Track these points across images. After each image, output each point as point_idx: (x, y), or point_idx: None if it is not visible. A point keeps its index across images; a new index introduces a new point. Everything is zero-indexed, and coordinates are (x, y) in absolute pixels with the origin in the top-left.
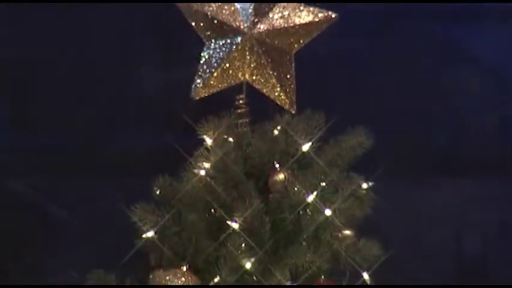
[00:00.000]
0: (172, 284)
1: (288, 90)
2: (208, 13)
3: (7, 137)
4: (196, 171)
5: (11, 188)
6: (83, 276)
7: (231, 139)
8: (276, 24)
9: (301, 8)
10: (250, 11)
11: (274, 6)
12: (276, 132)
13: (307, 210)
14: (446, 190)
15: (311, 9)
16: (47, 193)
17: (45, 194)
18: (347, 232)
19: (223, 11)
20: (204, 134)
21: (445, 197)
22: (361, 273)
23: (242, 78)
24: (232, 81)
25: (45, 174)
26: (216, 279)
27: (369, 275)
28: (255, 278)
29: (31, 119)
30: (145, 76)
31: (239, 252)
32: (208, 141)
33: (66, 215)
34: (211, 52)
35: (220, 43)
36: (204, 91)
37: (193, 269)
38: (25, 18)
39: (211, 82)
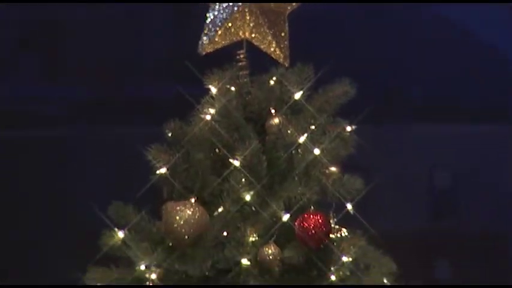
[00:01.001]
0: (182, 213)
1: (282, 46)
2: None
3: (36, 89)
4: (202, 116)
5: (39, 133)
6: (105, 208)
7: (233, 88)
8: None
9: None
10: None
11: None
12: (271, 82)
13: (299, 150)
14: (421, 133)
15: None
16: (72, 138)
17: (70, 139)
18: (333, 169)
19: None
20: (209, 84)
21: (419, 139)
22: (345, 204)
23: (242, 36)
24: (234, 39)
25: (70, 121)
26: (220, 209)
27: (352, 206)
28: (253, 208)
29: (57, 73)
30: (159, 35)
31: (240, 186)
32: (213, 90)
33: (89, 158)
34: (215, 13)
35: (224, 5)
36: (209, 47)
37: (200, 201)
38: None
39: (216, 39)
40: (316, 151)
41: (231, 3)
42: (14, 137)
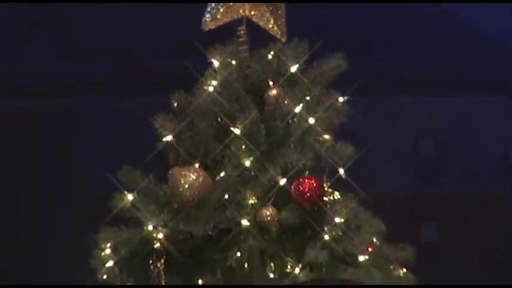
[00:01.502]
0: (187, 177)
1: (279, 23)
2: None
3: (55, 63)
4: (206, 87)
5: (56, 104)
6: (115, 172)
7: (233, 62)
8: None
9: None
10: None
11: None
12: (269, 56)
13: (295, 119)
14: (408, 105)
15: None
16: (85, 109)
17: (83, 109)
18: (326, 136)
19: None
20: (212, 58)
21: (406, 111)
22: (337, 169)
23: (242, 14)
24: (235, 16)
25: (83, 93)
26: (221, 174)
27: (344, 171)
28: (253, 173)
29: (74, 49)
30: (168, 13)
31: (240, 152)
32: (216, 64)
33: (101, 127)
34: None
35: None
36: (212, 24)
37: (203, 166)
38: None
39: (218, 17)
40: (311, 120)
41: None
42: (32, 108)
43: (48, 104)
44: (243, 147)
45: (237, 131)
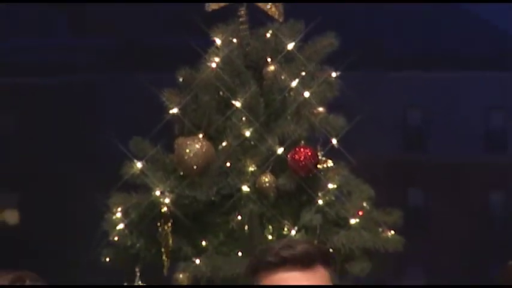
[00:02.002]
0: (191, 147)
1: (277, 4)
2: None
3: (65, 39)
4: (209, 64)
5: (70, 79)
6: (126, 143)
7: (234, 40)
8: None
9: None
10: None
11: None
12: (268, 35)
13: (291, 93)
14: (396, 80)
15: None
16: (98, 83)
17: (95, 83)
18: (320, 109)
19: None
20: (215, 37)
21: (394, 85)
22: (330, 139)
23: None
24: None
25: (95, 68)
26: (223, 144)
27: (337, 140)
28: (252, 143)
29: (83, 25)
30: None
31: (241, 124)
32: (218, 42)
33: (113, 100)
34: None
35: None
36: (215, 6)
37: (207, 136)
38: None
39: None
40: (306, 94)
41: None
42: (50, 83)
43: (65, 79)
44: (243, 118)
45: (237, 104)
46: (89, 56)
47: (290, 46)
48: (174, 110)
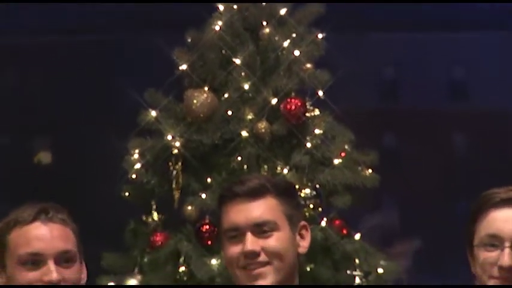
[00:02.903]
0: (198, 98)
1: None
2: None
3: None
4: (213, 26)
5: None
6: (142, 94)
7: (235, 6)
8: None
9: None
10: None
11: None
12: (263, 4)
13: (283, 52)
14: (374, 41)
15: None
16: (114, 42)
17: (112, 42)
18: (308, 65)
19: None
20: (218, 3)
21: (369, 44)
22: (317, 91)
23: None
24: None
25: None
26: (225, 95)
27: (323, 92)
28: (250, 94)
29: None
30: None
31: (240, 78)
32: (221, 8)
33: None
34: None
35: None
36: None
37: (211, 89)
38: None
39: None
40: (296, 53)
41: None
42: (72, 41)
43: (87, 37)
44: (243, 74)
45: (237, 61)
46: (109, 16)
47: (282, 12)
48: (183, 67)
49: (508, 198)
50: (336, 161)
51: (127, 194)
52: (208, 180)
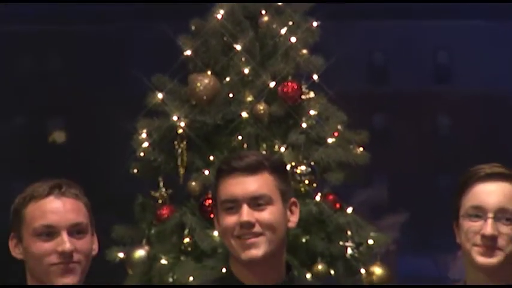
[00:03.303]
0: (202, 81)
1: None
2: None
3: None
4: (215, 14)
5: (98, 27)
6: (149, 78)
7: None
8: None
9: None
10: None
11: None
12: None
13: (281, 38)
14: (364, 28)
15: None
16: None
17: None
18: (304, 51)
19: None
20: None
21: (362, 32)
22: (312, 75)
23: None
24: None
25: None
26: (227, 79)
27: (317, 76)
28: (250, 78)
29: None
30: None
31: (241, 63)
32: None
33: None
34: None
35: None
36: None
37: (214, 73)
38: None
39: None
40: (293, 39)
41: None
42: (89, 30)
43: (97, 26)
44: (243, 59)
45: (238, 47)
46: (121, 7)
47: (280, 1)
48: (188, 52)
49: (492, 173)
50: (330, 140)
51: (136, 170)
52: (211, 157)
